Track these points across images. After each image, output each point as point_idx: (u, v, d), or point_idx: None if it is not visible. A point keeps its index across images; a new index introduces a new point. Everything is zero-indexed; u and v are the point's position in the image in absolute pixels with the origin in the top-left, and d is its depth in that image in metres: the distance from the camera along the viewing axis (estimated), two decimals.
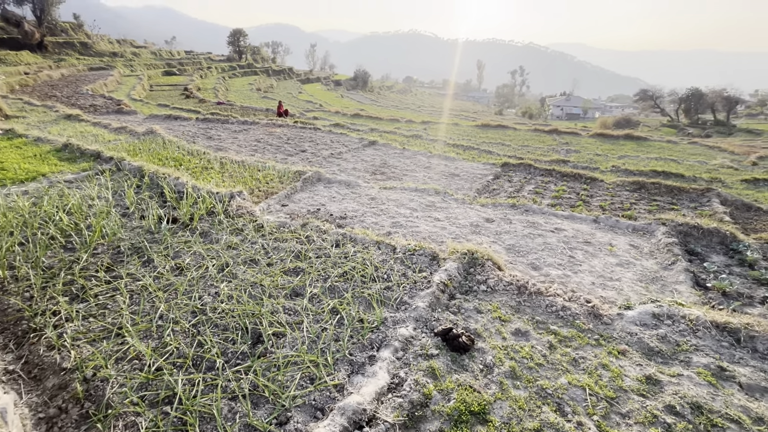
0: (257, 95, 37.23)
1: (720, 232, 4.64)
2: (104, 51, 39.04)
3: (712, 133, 44.14)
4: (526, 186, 7.91)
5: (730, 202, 7.13)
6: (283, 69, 65.66)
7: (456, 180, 8.21)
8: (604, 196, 7.39)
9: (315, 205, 5.70)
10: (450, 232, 4.84)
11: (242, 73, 53.82)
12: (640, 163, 12.34)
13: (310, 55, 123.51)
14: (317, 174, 6.82)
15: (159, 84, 34.41)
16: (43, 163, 6.35)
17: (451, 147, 12.59)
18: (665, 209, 6.74)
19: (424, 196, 6.14)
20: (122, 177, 5.55)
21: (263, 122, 13.48)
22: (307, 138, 11.79)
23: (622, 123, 55.63)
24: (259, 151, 10.05)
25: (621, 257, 4.33)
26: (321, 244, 3.66)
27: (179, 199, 4.62)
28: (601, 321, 2.77)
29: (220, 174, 6.71)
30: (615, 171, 10.26)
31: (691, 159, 13.74)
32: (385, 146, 11.05)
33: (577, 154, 14.04)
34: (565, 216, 5.45)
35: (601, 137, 20.31)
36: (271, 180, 6.59)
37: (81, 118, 11.54)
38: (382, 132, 15.09)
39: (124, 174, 5.68)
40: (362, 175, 8.24)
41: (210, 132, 12.18)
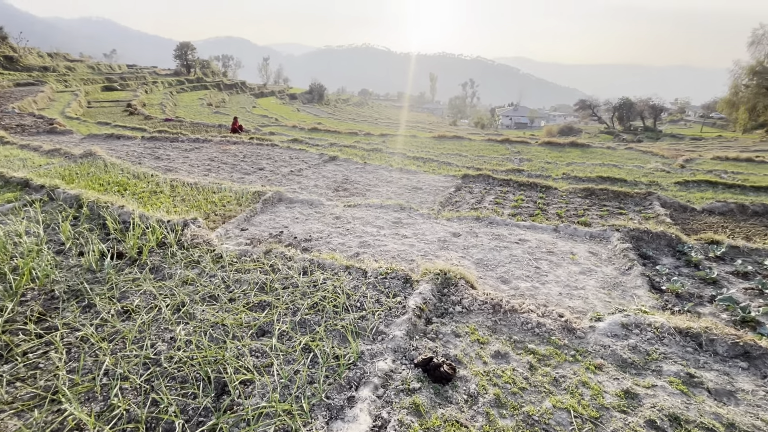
0: (209, 110, 35.85)
1: (666, 235, 4.97)
2: (33, 65, 35.93)
3: (642, 138, 48.38)
4: (486, 197, 8.11)
5: (669, 204, 7.73)
6: (235, 83, 63.95)
7: (419, 194, 8.25)
8: (560, 204, 7.74)
9: (277, 228, 5.44)
10: (419, 250, 4.79)
11: (191, 88, 51.75)
12: (587, 169, 13.14)
13: (263, 69, 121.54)
14: (278, 194, 6.55)
15: (98, 100, 32.16)
16: None
17: (411, 160, 12.73)
18: (614, 214, 7.16)
19: (389, 212, 6.08)
20: (56, 208, 4.98)
21: (216, 139, 12.89)
22: (265, 155, 11.41)
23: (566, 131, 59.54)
24: (213, 171, 9.56)
25: (583, 265, 4.49)
26: (287, 272, 3.45)
27: (125, 231, 4.20)
28: (575, 335, 2.80)
29: (171, 198, 6.25)
30: (566, 178, 10.84)
31: (630, 164, 14.87)
32: (346, 161, 10.93)
33: (529, 162, 14.71)
34: (527, 226, 5.60)
35: (549, 145, 21.44)
36: (228, 202, 6.23)
37: (5, 140, 10.39)
38: (342, 146, 14.98)
39: (58, 204, 5.10)
40: (324, 193, 8.05)
41: (158, 151, 11.43)
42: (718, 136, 48.06)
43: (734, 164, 16.57)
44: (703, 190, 9.91)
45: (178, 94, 46.28)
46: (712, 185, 10.40)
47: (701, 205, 7.69)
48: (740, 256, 4.71)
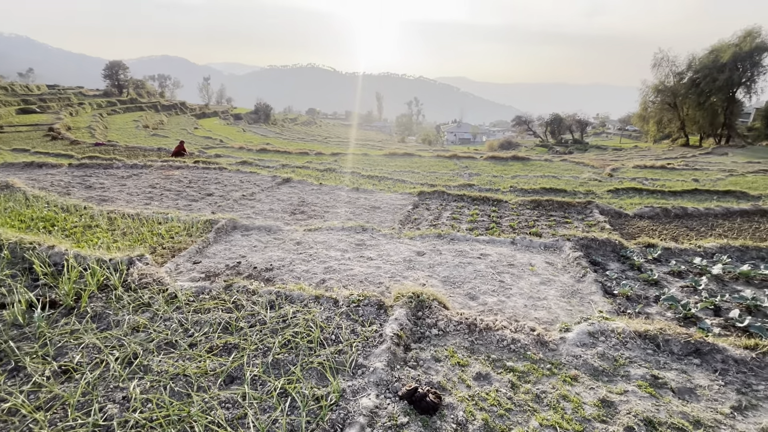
0: (145, 133, 33.62)
1: (611, 242, 5.39)
2: None
3: (573, 149, 52.87)
4: (443, 213, 8.31)
5: (606, 212, 8.44)
6: (174, 103, 60.84)
7: (378, 213, 8.25)
8: (511, 216, 8.13)
9: (234, 259, 5.12)
10: (385, 271, 4.74)
11: (124, 109, 48.42)
12: (530, 181, 14.01)
13: (203, 89, 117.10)
14: (232, 221, 6.20)
15: (13, 124, 28.95)
16: None
17: (366, 179, 12.78)
18: (561, 223, 7.66)
19: (351, 234, 5.99)
20: None
21: (158, 164, 12.04)
22: (213, 179, 10.84)
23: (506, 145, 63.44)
24: (155, 199, 8.88)
25: (542, 276, 4.71)
26: (252, 308, 3.22)
27: (57, 275, 3.71)
28: (548, 348, 2.88)
29: (110, 233, 5.67)
30: (513, 191, 11.46)
31: (566, 174, 16.13)
32: (300, 183, 10.70)
33: (478, 177, 15.39)
34: (486, 241, 5.79)
35: (493, 160, 22.62)
36: (176, 234, 5.78)
37: None
38: (294, 167, 14.69)
39: None
40: (281, 217, 7.78)
41: (89, 180, 10.42)
42: (635, 146, 53.71)
43: (652, 171, 18.59)
44: (631, 197, 10.96)
45: (110, 116, 43.01)
46: (638, 192, 11.55)
47: (632, 211, 8.48)
48: (673, 256, 5.22)
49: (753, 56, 40.31)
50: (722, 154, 31.84)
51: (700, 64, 43.69)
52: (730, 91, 41.87)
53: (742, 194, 11.15)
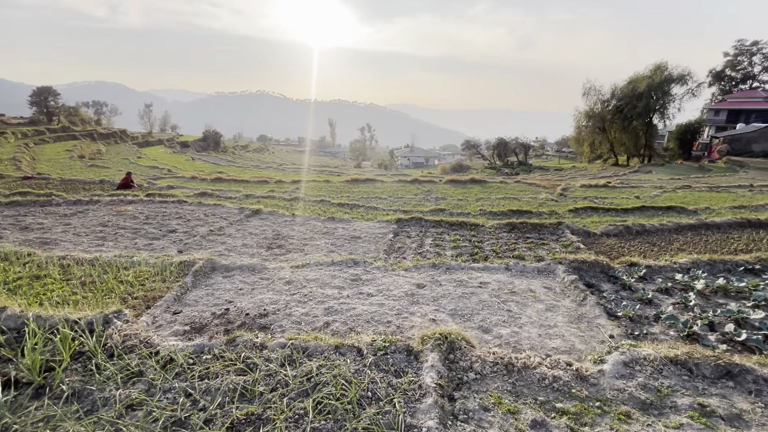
0: (82, 164, 30.86)
1: (599, 262, 5.61)
2: None
3: (518, 171, 56.27)
4: (425, 240, 8.26)
5: (576, 231, 8.87)
6: (113, 131, 56.95)
7: (360, 243, 8.01)
8: (491, 240, 8.27)
9: (220, 305, 4.62)
10: (390, 308, 4.50)
11: (55, 138, 44.47)
12: (494, 203, 14.51)
13: (145, 116, 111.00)
14: (210, 262, 5.65)
15: None
16: None
17: (337, 207, 12.50)
18: (539, 244, 7.90)
19: (344, 269, 5.69)
20: None
21: (106, 199, 10.91)
22: (173, 214, 10.00)
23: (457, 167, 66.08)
24: (109, 239, 7.97)
25: (545, 302, 4.73)
26: (268, 367, 2.84)
27: (14, 344, 3.06)
28: (589, 383, 2.81)
29: (65, 284, 4.91)
30: (483, 214, 11.77)
31: (524, 196, 16.96)
32: (271, 214, 10.20)
33: (444, 201, 15.69)
34: (481, 268, 5.77)
35: (453, 183, 23.29)
36: (147, 280, 5.14)
37: None
38: (259, 197, 14.06)
39: None
40: (257, 253, 7.28)
41: (25, 220, 9.16)
42: (573, 166, 58.27)
43: (597, 190, 20.10)
44: (590, 215, 11.68)
45: (37, 146, 39.16)
46: (594, 210, 12.35)
47: (599, 230, 8.99)
48: (655, 274, 5.53)
49: (663, 86, 46.02)
50: (647, 171, 35.51)
51: (621, 93, 49.06)
52: (648, 117, 47.29)
53: (682, 209, 12.32)
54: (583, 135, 54.10)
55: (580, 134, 54.71)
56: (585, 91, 51.75)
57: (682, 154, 48.98)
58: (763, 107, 52.29)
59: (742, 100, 54.84)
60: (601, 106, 50.93)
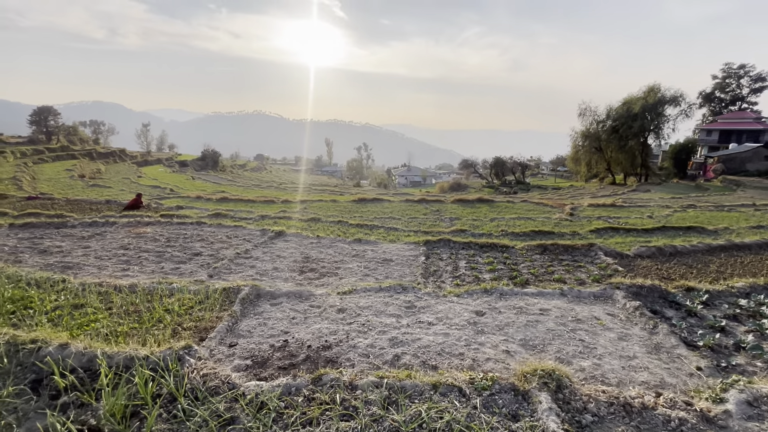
0: (83, 183, 30.50)
1: (657, 287, 5.46)
2: None
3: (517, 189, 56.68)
4: (459, 262, 8.08)
5: (609, 253, 8.76)
6: (112, 151, 56.81)
7: (393, 266, 7.81)
8: (526, 263, 8.12)
9: (276, 336, 4.37)
10: (457, 338, 4.29)
11: (54, 158, 44.19)
12: (510, 223, 14.41)
13: (142, 135, 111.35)
14: (255, 289, 5.41)
15: None
16: None
17: (356, 228, 12.33)
18: (576, 267, 7.77)
19: (393, 295, 5.48)
20: None
21: (123, 221, 10.64)
22: (195, 236, 9.75)
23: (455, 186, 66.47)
24: (133, 263, 7.70)
25: (614, 330, 4.55)
26: (369, 411, 2.61)
27: (88, 386, 2.81)
28: (718, 425, 2.62)
29: (107, 312, 4.64)
30: (505, 235, 11.64)
31: (539, 215, 16.93)
32: (295, 236, 9.98)
33: (459, 221, 15.59)
34: (535, 294, 5.59)
35: (460, 203, 23.26)
36: (191, 308, 4.88)
37: None
38: (275, 218, 13.84)
39: None
40: (291, 277, 7.05)
41: (42, 242, 8.85)
42: (570, 185, 58.85)
43: (606, 209, 20.13)
44: (612, 236, 11.60)
45: (36, 166, 38.80)
46: (615, 230, 12.28)
47: (632, 251, 8.89)
48: (715, 299, 5.39)
49: (657, 107, 47.17)
50: (646, 190, 35.86)
51: (616, 113, 50.18)
52: (643, 136, 48.25)
53: (702, 229, 12.31)
54: (579, 154, 54.93)
55: (576, 153, 55.55)
56: (581, 112, 52.85)
57: (678, 173, 49.83)
58: (753, 128, 53.76)
59: (733, 121, 56.39)
60: (597, 126, 51.98)
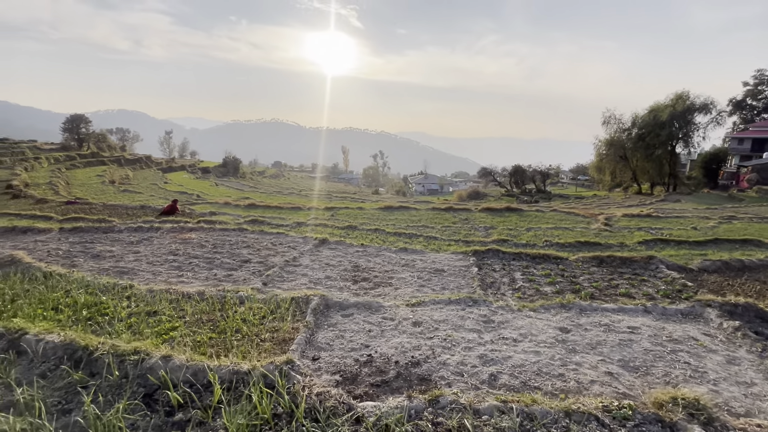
0: (114, 189, 31.28)
1: (753, 306, 5.09)
2: None
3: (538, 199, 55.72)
4: (514, 274, 7.80)
5: (671, 267, 8.32)
6: (139, 157, 58.44)
7: (447, 277, 7.59)
8: (584, 275, 7.77)
9: (358, 350, 4.20)
10: (549, 357, 4.03)
11: (85, 164, 45.62)
12: (548, 233, 14.00)
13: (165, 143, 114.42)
14: (324, 299, 5.27)
15: None
16: None
17: (395, 237, 12.15)
18: (639, 281, 7.39)
19: (466, 308, 5.26)
20: (43, 372, 3.08)
21: (167, 226, 10.74)
22: (240, 242, 9.74)
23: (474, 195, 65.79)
24: (185, 269, 7.69)
25: (719, 352, 4.22)
26: None
27: (200, 400, 2.68)
28: None
29: (181, 321, 4.56)
30: (550, 245, 11.27)
31: (577, 225, 16.44)
32: (338, 244, 9.87)
33: (494, 230, 15.26)
34: (616, 310, 5.28)
35: (488, 211, 22.86)
36: (263, 318, 4.76)
37: None
38: (311, 225, 13.80)
39: (39, 363, 3.20)
40: (345, 286, 6.91)
41: (93, 247, 8.97)
42: (594, 194, 57.50)
43: (642, 220, 19.43)
44: (663, 248, 11.08)
45: (69, 171, 40.07)
46: (665, 242, 11.75)
47: (695, 265, 8.44)
48: None
49: (686, 115, 45.87)
50: (676, 201, 34.61)
51: (642, 121, 48.99)
52: (671, 145, 46.90)
53: (759, 242, 11.67)
54: (603, 163, 53.73)
55: (600, 162, 54.36)
56: (605, 120, 51.83)
57: (708, 183, 48.19)
58: None
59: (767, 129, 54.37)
60: (622, 134, 50.83)
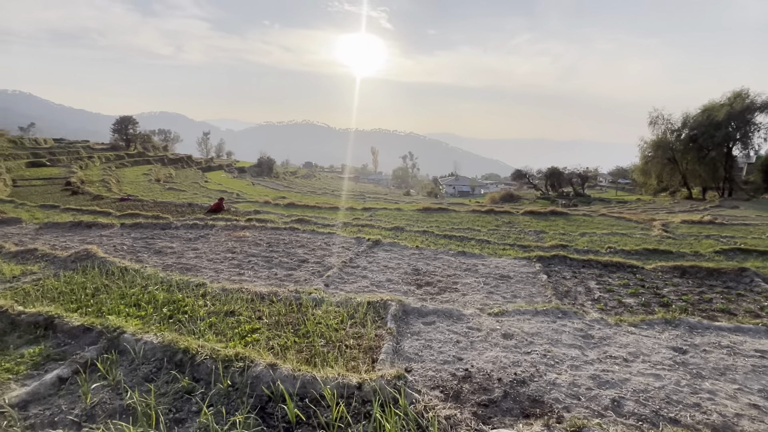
0: (160, 187, 32.64)
1: None
2: None
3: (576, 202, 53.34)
4: (588, 283, 7.23)
5: None
6: (180, 157, 61.00)
7: (515, 284, 7.12)
8: (668, 286, 7.09)
9: (450, 362, 3.86)
10: (674, 383, 3.53)
11: (132, 163, 48.00)
12: (604, 239, 13.09)
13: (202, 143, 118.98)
14: (401, 304, 4.99)
15: (25, 178, 27.80)
16: None
17: (446, 239, 11.75)
18: (735, 295, 6.64)
19: (556, 321, 4.81)
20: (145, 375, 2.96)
21: (220, 224, 10.87)
22: (293, 241, 9.67)
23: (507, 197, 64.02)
24: (245, 267, 7.64)
25: None
26: None
27: (315, 416, 2.44)
28: None
29: (259, 322, 4.40)
30: (615, 252, 10.51)
31: (637, 232, 15.39)
32: (392, 246, 9.59)
33: (546, 234, 14.52)
34: (731, 329, 4.67)
35: (532, 215, 21.97)
36: (341, 322, 4.53)
37: None
38: (357, 225, 13.64)
39: (138, 364, 3.09)
40: (408, 290, 6.61)
41: (155, 243, 9.15)
42: (638, 199, 54.51)
43: (704, 227, 17.93)
44: (746, 259, 10.08)
45: (118, 170, 42.27)
46: (744, 252, 10.69)
47: None
48: None
49: (745, 115, 42.55)
50: (733, 207, 31.97)
51: (695, 122, 45.88)
52: (727, 147, 43.61)
53: None
54: (649, 165, 50.79)
55: (646, 165, 51.46)
56: (652, 120, 49.03)
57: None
58: None
59: None
60: (670, 135, 47.87)
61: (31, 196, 20.04)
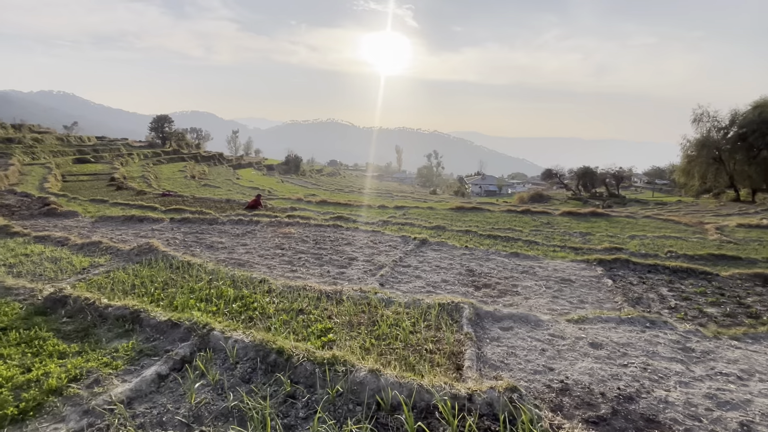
0: (195, 183, 33.60)
1: None
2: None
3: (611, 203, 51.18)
4: (659, 289, 6.74)
5: None
6: (212, 155, 62.70)
7: (578, 288, 6.73)
8: (751, 295, 6.51)
9: (542, 372, 3.60)
10: None
11: (168, 160, 49.67)
12: (657, 243, 12.34)
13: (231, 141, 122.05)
14: (473, 307, 4.75)
15: (72, 173, 29.21)
16: (41, 362, 3.03)
17: (491, 239, 11.39)
18: None
19: (646, 330, 4.44)
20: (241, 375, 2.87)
21: (264, 220, 10.94)
22: (340, 239, 9.59)
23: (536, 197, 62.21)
24: (296, 264, 7.59)
25: None
26: None
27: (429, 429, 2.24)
28: None
29: (330, 321, 4.27)
30: (675, 257, 9.85)
31: (692, 236, 14.46)
32: (441, 245, 9.34)
33: (592, 236, 13.86)
34: None
35: (570, 215, 21.16)
36: (414, 324, 4.34)
37: (12, 229, 7.81)
38: (396, 224, 13.46)
39: (231, 364, 3.00)
40: (466, 291, 6.35)
41: (205, 237, 9.28)
42: (678, 200, 51.76)
43: (764, 232, 16.68)
44: None
45: (155, 166, 43.85)
46: None
47: None
48: None
49: None
50: None
51: (744, 119, 43.02)
52: None
53: None
54: (692, 165, 47.99)
55: (689, 165, 48.64)
56: (696, 118, 46.30)
57: None
58: None
59: None
60: (717, 133, 45.08)
61: (80, 190, 20.99)
